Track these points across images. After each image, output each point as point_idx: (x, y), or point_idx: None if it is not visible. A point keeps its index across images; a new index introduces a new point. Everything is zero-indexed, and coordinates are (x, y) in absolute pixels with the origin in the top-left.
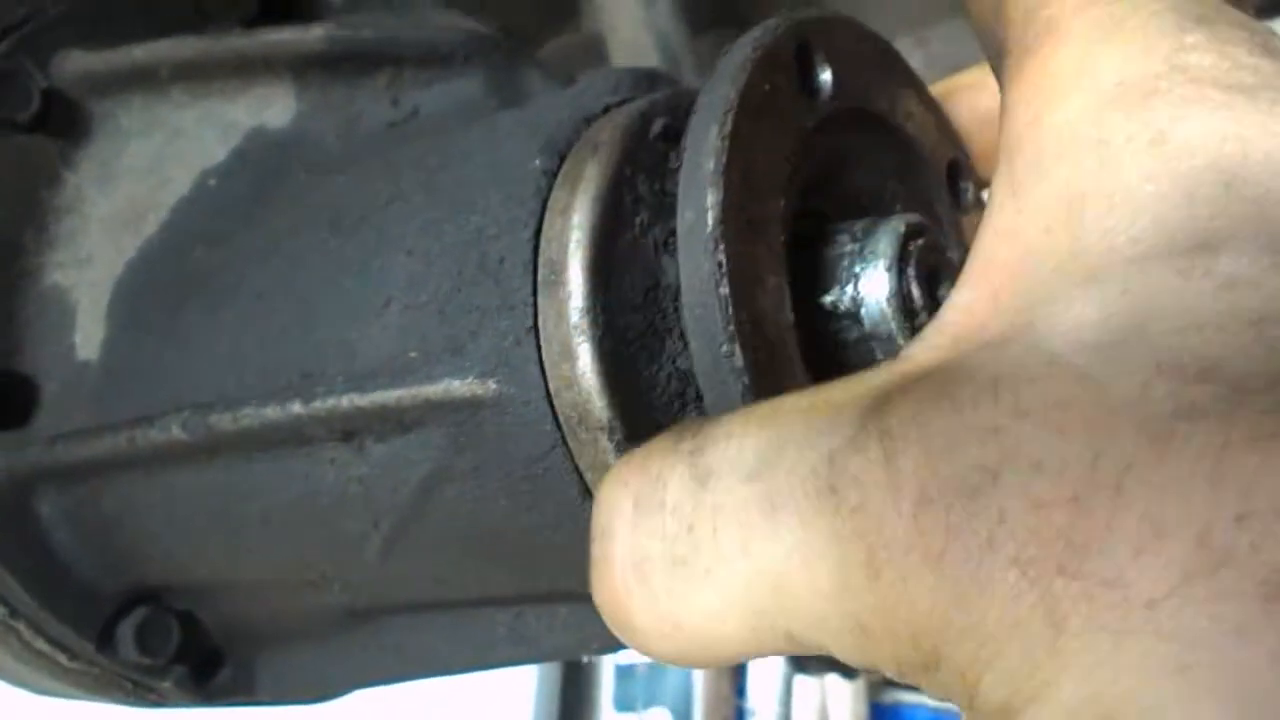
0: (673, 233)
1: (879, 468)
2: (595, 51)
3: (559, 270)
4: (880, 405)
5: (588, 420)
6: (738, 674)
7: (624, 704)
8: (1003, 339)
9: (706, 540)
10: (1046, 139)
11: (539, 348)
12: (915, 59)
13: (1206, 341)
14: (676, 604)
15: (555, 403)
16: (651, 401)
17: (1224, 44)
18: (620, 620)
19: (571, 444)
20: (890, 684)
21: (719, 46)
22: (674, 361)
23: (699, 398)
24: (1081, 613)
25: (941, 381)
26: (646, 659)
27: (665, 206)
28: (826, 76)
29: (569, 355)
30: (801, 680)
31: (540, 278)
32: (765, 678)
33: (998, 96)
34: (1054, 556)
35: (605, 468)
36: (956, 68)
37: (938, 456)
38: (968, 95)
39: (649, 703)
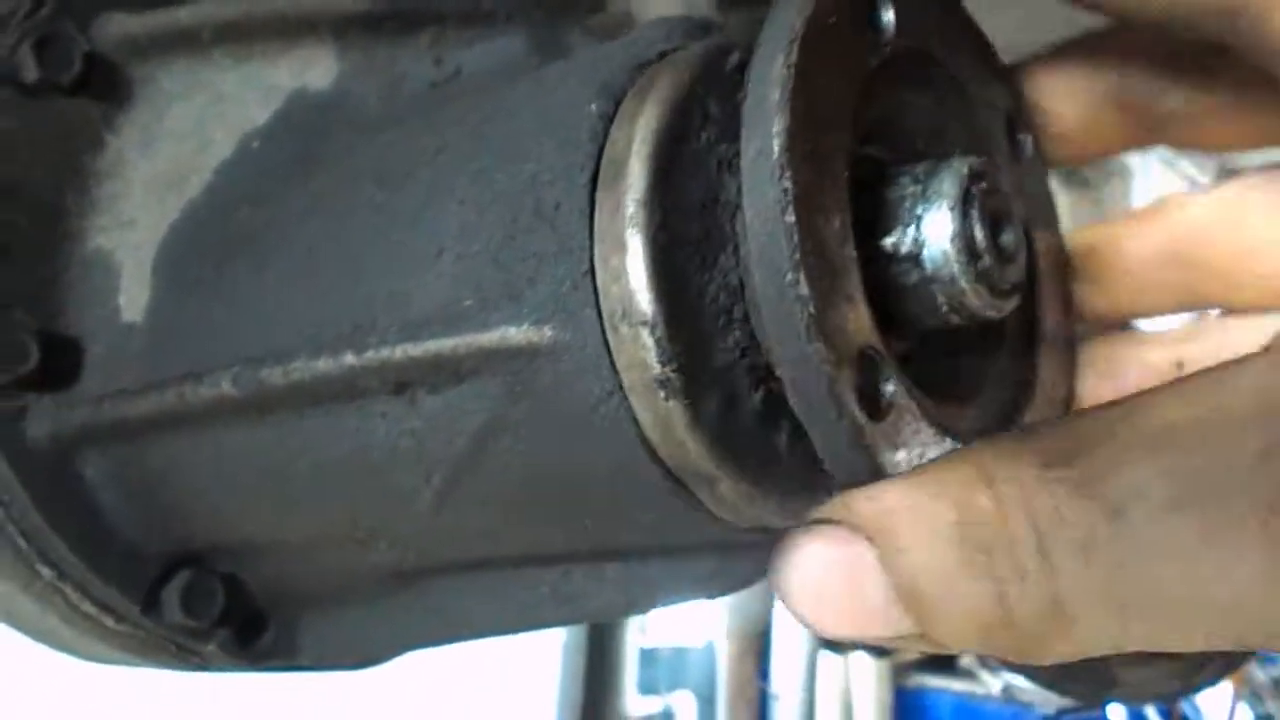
0: (738, 154)
1: None
2: (626, 30)
3: (620, 166)
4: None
5: (631, 314)
6: (761, 657)
7: (648, 687)
8: None
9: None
10: None
11: (596, 293)
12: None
13: None
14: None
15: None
16: (699, 310)
17: None
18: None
19: (611, 340)
20: (915, 667)
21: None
22: (725, 276)
23: (745, 319)
24: None
25: None
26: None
27: (733, 128)
28: (890, 16)
29: (620, 247)
30: (826, 662)
31: (600, 177)
32: (789, 661)
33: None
34: None
35: (643, 366)
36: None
37: None
38: (1128, 243)
39: (673, 686)
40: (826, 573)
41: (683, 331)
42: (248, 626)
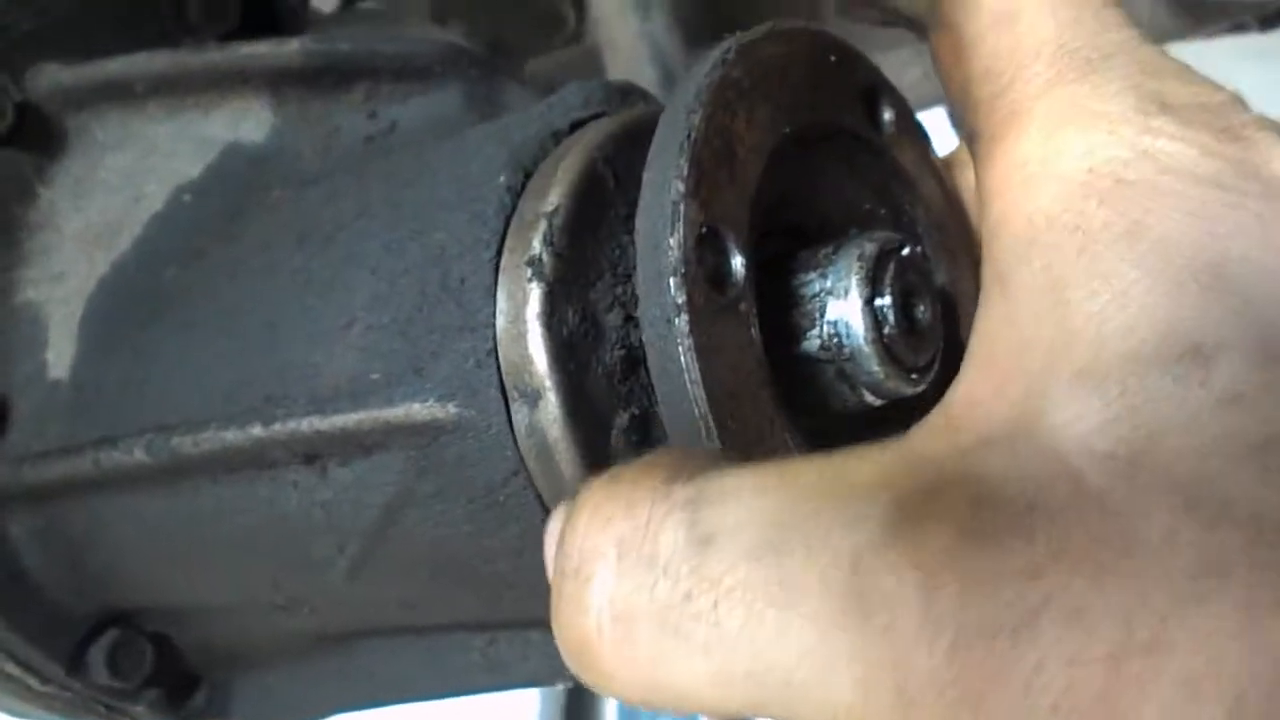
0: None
1: (913, 596)
2: (592, 64)
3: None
4: (910, 517)
5: (532, 395)
6: None
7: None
8: (1012, 437)
9: (706, 614)
10: (1023, 226)
11: (499, 371)
12: (914, 70)
13: (1216, 473)
14: (660, 667)
15: (511, 408)
16: (598, 392)
17: (1190, 127)
18: (588, 665)
19: (515, 419)
20: None
21: None
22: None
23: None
24: None
25: (971, 502)
26: None
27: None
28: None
29: (521, 328)
30: None
31: (505, 253)
32: None
33: None
34: (1091, 713)
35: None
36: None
37: (978, 597)
38: (962, 172)
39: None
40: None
41: (582, 415)
42: (178, 687)
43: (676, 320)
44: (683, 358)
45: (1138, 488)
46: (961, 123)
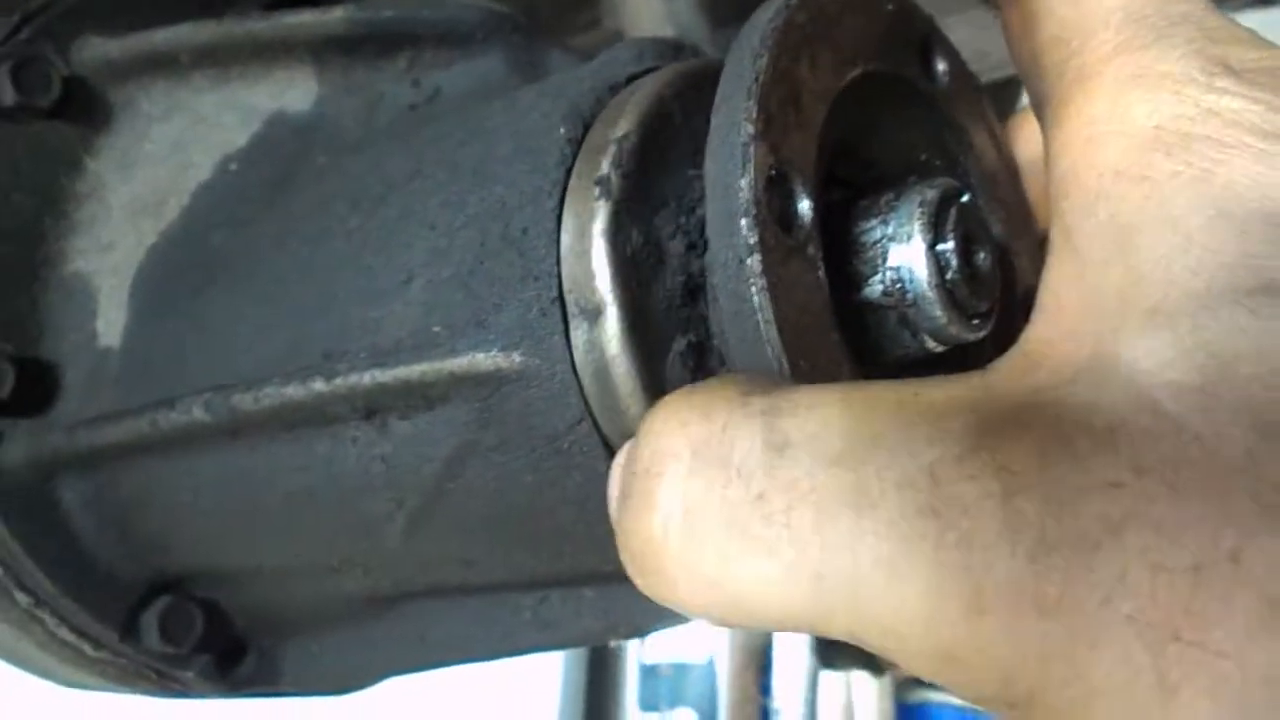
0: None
1: (995, 504)
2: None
3: (586, 192)
4: (993, 432)
5: (600, 343)
6: (763, 673)
7: (649, 704)
8: (1091, 373)
9: (778, 515)
10: (1090, 181)
11: (565, 319)
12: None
13: None
14: (726, 567)
15: (575, 356)
16: (666, 339)
17: (1254, 87)
18: (651, 566)
19: (580, 366)
20: (918, 683)
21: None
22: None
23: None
24: (1195, 683)
25: (1057, 421)
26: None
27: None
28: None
29: (587, 275)
30: (827, 677)
31: (567, 202)
32: (791, 676)
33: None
34: (1172, 622)
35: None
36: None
37: (1061, 505)
38: (1026, 134)
39: (674, 703)
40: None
41: (651, 362)
42: (228, 652)
43: (749, 260)
44: (755, 297)
45: (1216, 412)
46: (1030, 89)
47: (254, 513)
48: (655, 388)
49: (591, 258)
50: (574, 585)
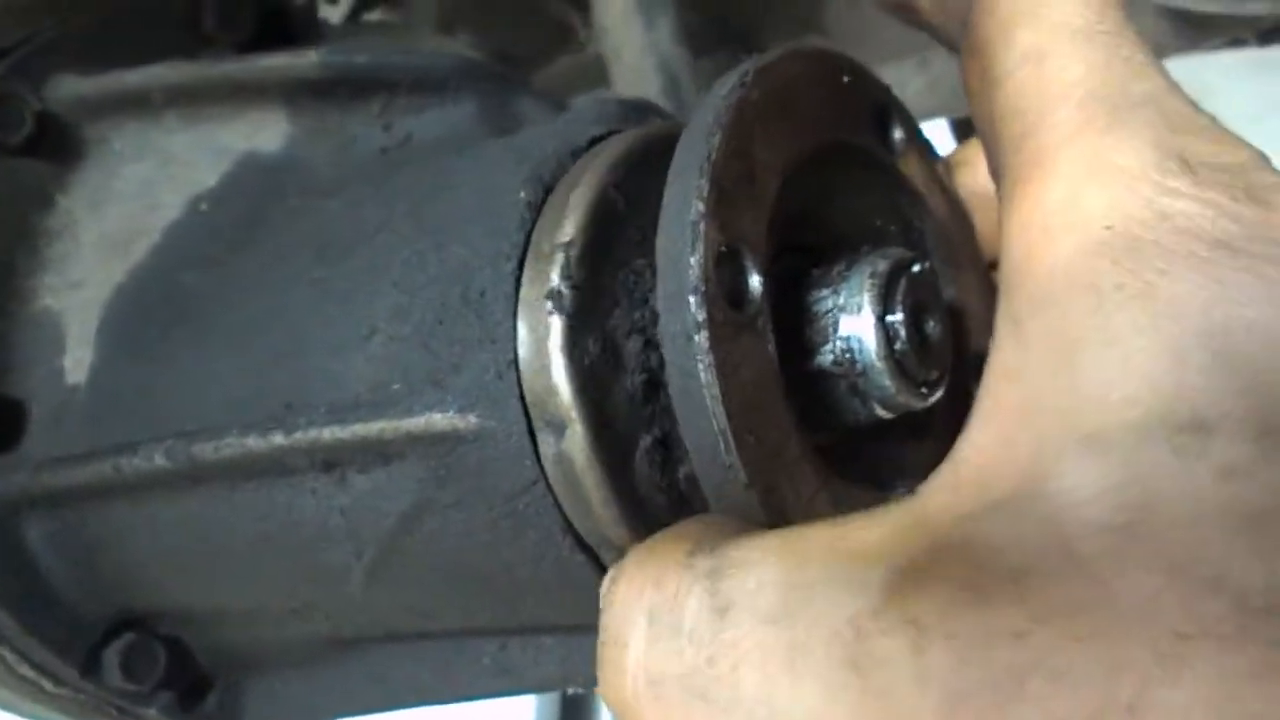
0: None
1: (907, 658)
2: (598, 74)
3: (544, 259)
4: (905, 581)
5: (553, 409)
6: None
7: None
8: (1016, 501)
9: (726, 677)
10: (1042, 278)
11: (520, 383)
12: (918, 81)
13: (1209, 542)
14: None
15: (531, 419)
16: (619, 404)
17: (1207, 188)
18: None
19: (535, 430)
20: None
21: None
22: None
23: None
24: None
25: (966, 568)
26: None
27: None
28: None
29: (542, 341)
30: None
31: (526, 267)
32: None
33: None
34: None
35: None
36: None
37: (967, 657)
38: (964, 172)
39: None
40: None
41: (607, 441)
42: (191, 689)
43: (697, 337)
44: (703, 374)
45: (1125, 555)
46: (988, 154)
47: (215, 557)
48: (625, 494)
49: (552, 374)
50: (532, 634)
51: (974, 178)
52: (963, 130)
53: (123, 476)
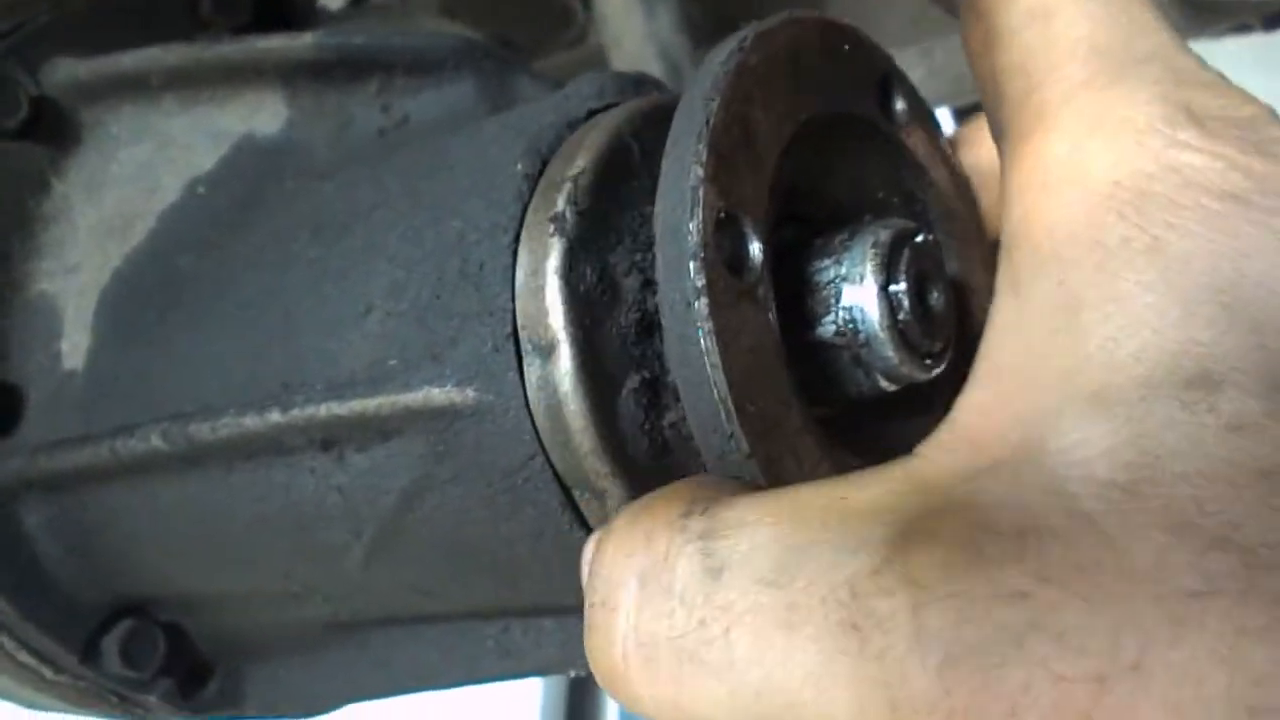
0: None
1: (905, 617)
2: (597, 64)
3: (541, 229)
4: (905, 540)
5: (553, 382)
6: None
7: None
8: (1016, 461)
9: (718, 640)
10: (1043, 236)
11: (519, 354)
12: (919, 70)
13: (1218, 497)
14: (681, 690)
15: (528, 393)
16: (619, 378)
17: (1216, 141)
18: (619, 689)
19: (533, 403)
20: None
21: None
22: (645, 348)
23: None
24: None
25: (967, 527)
26: None
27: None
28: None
29: (541, 312)
30: None
31: (523, 238)
32: None
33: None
34: None
35: (566, 432)
36: (959, 79)
37: (968, 616)
38: (968, 150)
39: None
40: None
41: (603, 400)
42: (191, 676)
43: (696, 304)
44: (703, 341)
45: (1132, 513)
46: (989, 116)
47: (214, 539)
48: (607, 425)
49: (545, 295)
50: (534, 616)
51: (977, 156)
52: (966, 118)
53: (120, 459)
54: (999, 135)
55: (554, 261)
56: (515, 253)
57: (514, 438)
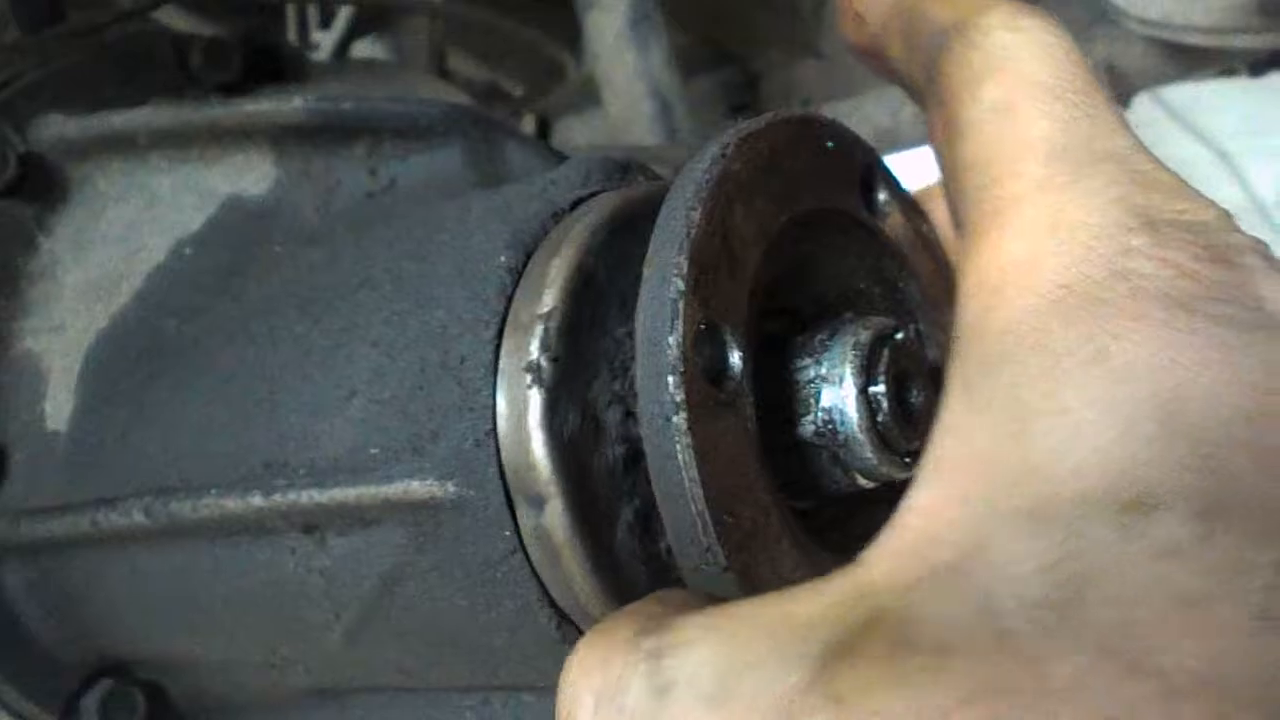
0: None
1: None
2: (593, 96)
3: (524, 329)
4: (832, 657)
5: (531, 482)
6: None
7: None
8: (951, 572)
9: None
10: (993, 339)
11: (498, 452)
12: (905, 112)
13: (1141, 622)
14: None
15: (509, 489)
16: (598, 478)
17: (1168, 246)
18: None
19: (514, 500)
20: None
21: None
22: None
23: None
24: None
25: (891, 645)
26: None
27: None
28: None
29: (521, 412)
30: None
31: (505, 335)
32: None
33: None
34: None
35: (545, 533)
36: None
37: None
38: (941, 203)
39: None
40: None
41: (587, 515)
42: None
43: (675, 418)
44: (680, 455)
45: (1057, 634)
46: (949, 202)
47: (195, 609)
48: (605, 565)
49: (531, 449)
50: (514, 690)
51: (936, 215)
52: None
53: (101, 530)
54: (957, 225)
55: (535, 416)
56: (498, 348)
57: (494, 532)
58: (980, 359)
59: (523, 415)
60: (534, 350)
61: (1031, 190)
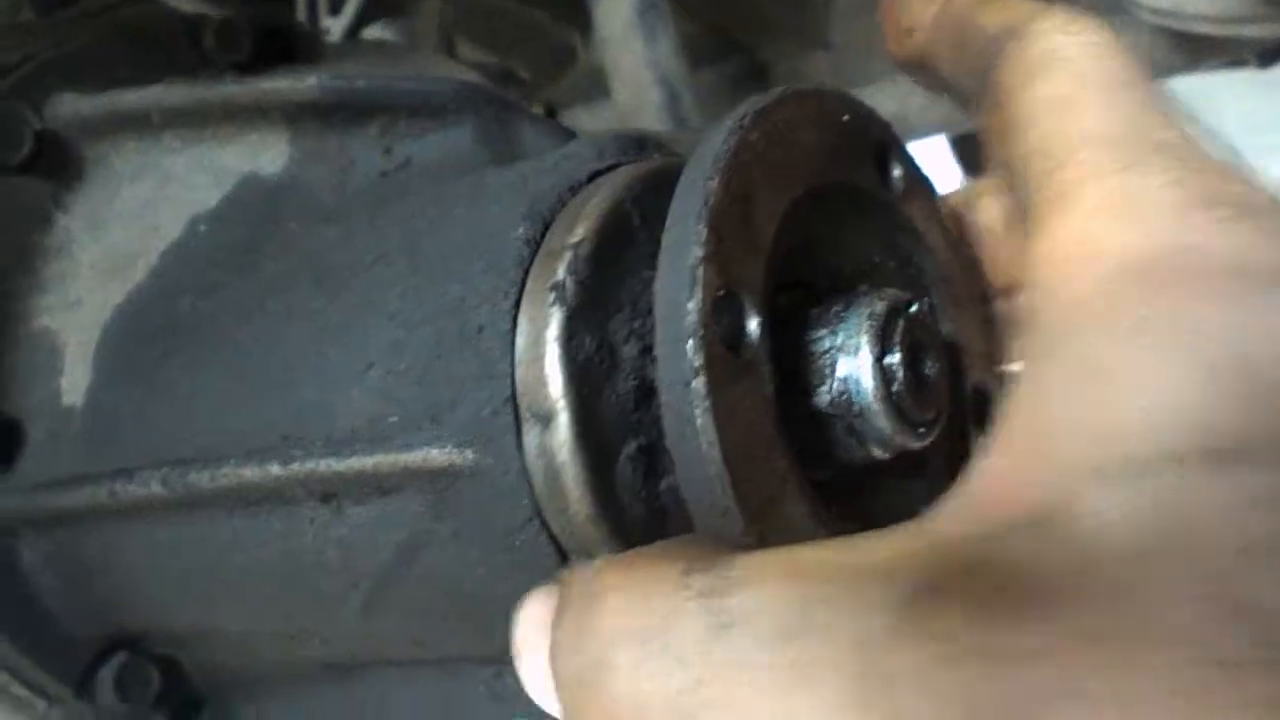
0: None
1: (924, 677)
2: (600, 85)
3: (542, 296)
4: (922, 598)
5: (550, 449)
6: None
7: None
8: (1036, 524)
9: (718, 701)
10: (1061, 312)
11: (517, 419)
12: (917, 97)
13: (1237, 571)
14: None
15: (526, 457)
16: (617, 447)
17: (1229, 224)
18: None
19: (531, 468)
20: None
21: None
22: (643, 421)
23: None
24: None
25: (986, 587)
26: None
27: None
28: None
29: (540, 379)
30: None
31: (523, 304)
32: None
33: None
34: None
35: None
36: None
37: (990, 676)
38: (986, 201)
39: None
40: (526, 629)
41: (600, 467)
42: (184, 710)
43: (694, 383)
44: (699, 419)
45: (1157, 582)
46: (1016, 188)
47: (211, 581)
48: (604, 492)
49: (545, 364)
50: None
51: (987, 214)
52: (963, 146)
53: (118, 501)
54: (1024, 209)
55: (553, 331)
56: (515, 318)
57: (512, 501)
58: (1051, 331)
59: (542, 332)
60: (560, 272)
61: (1093, 174)
